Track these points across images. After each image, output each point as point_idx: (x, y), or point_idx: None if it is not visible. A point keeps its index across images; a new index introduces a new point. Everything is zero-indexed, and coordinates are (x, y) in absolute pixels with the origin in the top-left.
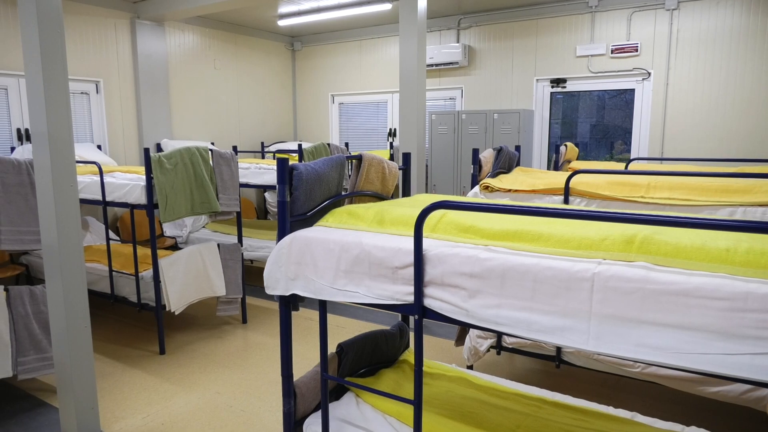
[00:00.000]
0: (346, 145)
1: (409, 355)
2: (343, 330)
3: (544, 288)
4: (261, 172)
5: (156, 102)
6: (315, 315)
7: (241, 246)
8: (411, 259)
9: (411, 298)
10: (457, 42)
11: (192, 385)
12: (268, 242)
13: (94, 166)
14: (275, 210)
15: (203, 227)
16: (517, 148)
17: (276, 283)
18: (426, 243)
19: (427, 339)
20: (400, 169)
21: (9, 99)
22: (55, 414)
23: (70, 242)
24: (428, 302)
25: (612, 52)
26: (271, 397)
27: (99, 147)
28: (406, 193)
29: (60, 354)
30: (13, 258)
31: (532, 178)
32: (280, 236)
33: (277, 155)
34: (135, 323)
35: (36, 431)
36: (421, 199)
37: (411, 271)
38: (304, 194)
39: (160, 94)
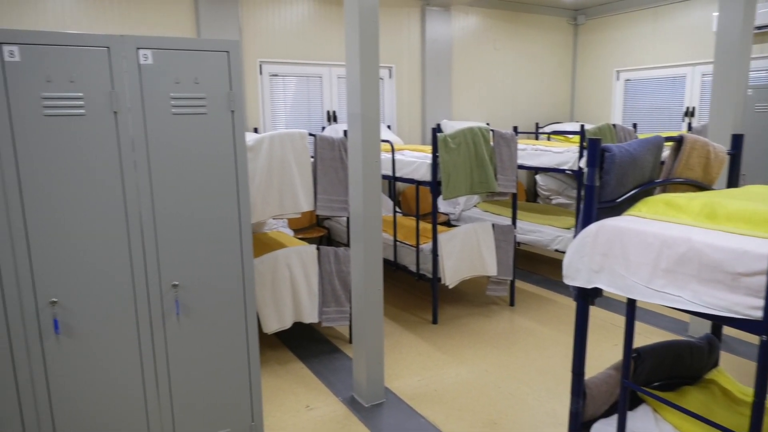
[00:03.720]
0: (634, 126)
1: (718, 375)
2: (620, 330)
3: None
4: (537, 153)
5: (439, 84)
6: (594, 310)
7: (514, 228)
8: (763, 265)
9: (758, 314)
10: None
11: (462, 359)
12: (539, 226)
13: (388, 144)
14: (546, 193)
15: (474, 206)
16: None
17: (576, 273)
18: None
19: (724, 356)
20: (728, 153)
21: (322, 86)
22: (347, 361)
23: (372, 212)
24: None
25: None
26: (540, 387)
27: (389, 127)
28: (733, 183)
29: (358, 310)
30: (318, 221)
31: None
32: (585, 223)
33: (560, 136)
34: (412, 291)
35: (333, 372)
36: (757, 191)
37: (762, 280)
38: (615, 179)
39: (443, 77)
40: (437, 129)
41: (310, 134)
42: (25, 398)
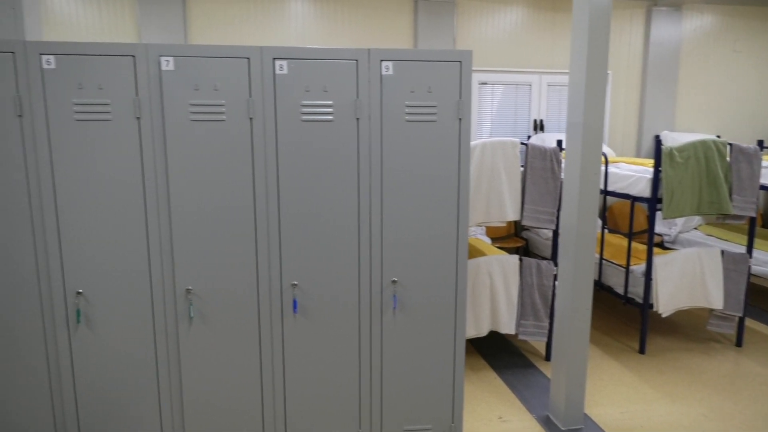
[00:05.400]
0: None
1: None
2: None
3: None
4: None
5: (661, 92)
6: None
7: (750, 257)
8: None
9: None
10: None
11: (673, 397)
12: None
13: (601, 156)
14: None
15: (695, 228)
16: None
17: None
18: None
19: None
20: None
21: (531, 94)
22: (541, 378)
23: (587, 226)
24: None
25: None
26: None
27: None
28: None
29: (561, 329)
30: (516, 232)
31: None
32: None
33: None
34: (616, 315)
35: (527, 387)
36: None
37: None
38: None
39: (667, 84)
40: (659, 141)
41: (522, 143)
42: (265, 366)
